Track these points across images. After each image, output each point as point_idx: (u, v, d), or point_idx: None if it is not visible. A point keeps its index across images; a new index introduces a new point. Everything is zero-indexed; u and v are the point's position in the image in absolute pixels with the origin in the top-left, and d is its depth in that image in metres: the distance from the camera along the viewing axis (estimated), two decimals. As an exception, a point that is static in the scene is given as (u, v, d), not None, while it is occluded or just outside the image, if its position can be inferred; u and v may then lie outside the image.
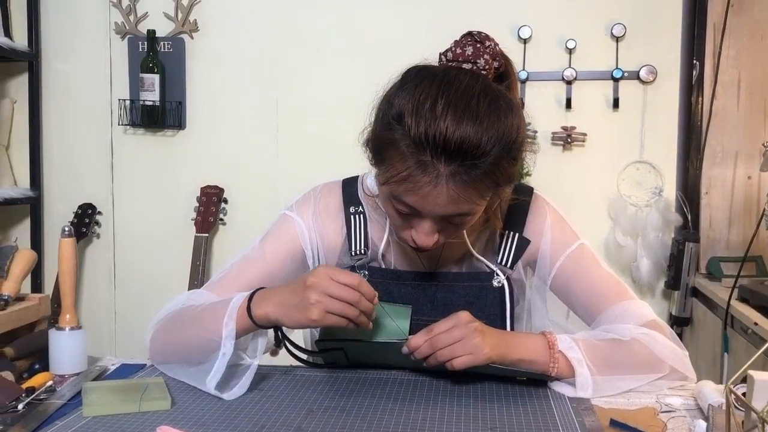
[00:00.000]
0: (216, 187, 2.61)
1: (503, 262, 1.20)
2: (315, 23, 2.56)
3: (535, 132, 2.37)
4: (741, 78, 2.33)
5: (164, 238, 2.67)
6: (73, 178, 2.71)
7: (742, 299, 1.89)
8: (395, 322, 1.08)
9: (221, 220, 2.61)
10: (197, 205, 2.59)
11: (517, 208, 1.21)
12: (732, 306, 1.88)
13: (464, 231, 1.15)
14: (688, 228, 2.34)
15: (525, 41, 2.42)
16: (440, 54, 1.08)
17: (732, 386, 0.76)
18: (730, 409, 0.67)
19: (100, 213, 2.69)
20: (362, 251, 1.20)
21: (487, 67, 1.05)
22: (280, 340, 1.05)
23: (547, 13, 2.42)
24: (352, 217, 1.21)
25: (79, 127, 2.70)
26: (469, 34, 1.07)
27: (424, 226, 1.03)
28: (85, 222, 2.64)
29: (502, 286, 1.19)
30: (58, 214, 2.70)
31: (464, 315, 1.02)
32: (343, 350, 1.10)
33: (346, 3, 2.55)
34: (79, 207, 2.66)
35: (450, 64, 1.05)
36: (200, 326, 1.04)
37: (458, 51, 1.05)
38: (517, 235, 1.21)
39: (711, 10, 2.33)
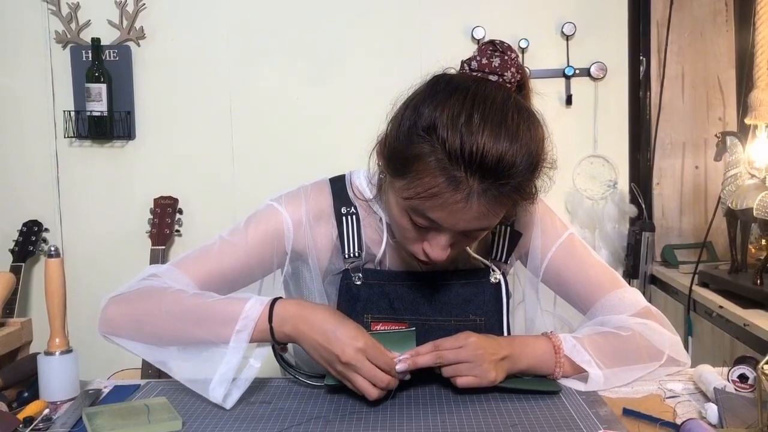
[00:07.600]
0: (170, 197, 2.54)
1: (497, 257, 1.20)
2: (267, 28, 2.52)
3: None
4: (684, 72, 2.42)
5: (118, 253, 2.57)
6: (15, 195, 2.58)
7: (702, 284, 1.96)
8: (401, 352, 1.03)
9: (177, 231, 2.54)
10: (151, 217, 2.51)
11: None
12: (693, 291, 1.95)
13: None
14: (643, 218, 2.42)
15: (479, 41, 2.45)
16: (462, 62, 1.04)
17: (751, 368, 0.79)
18: (761, 385, 0.70)
19: (46, 230, 2.58)
20: (356, 254, 1.16)
21: (512, 80, 1.01)
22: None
23: (500, 13, 2.46)
24: (344, 218, 1.17)
25: (19, 141, 2.58)
26: (492, 43, 1.02)
27: (441, 240, 1.00)
28: (31, 240, 2.52)
29: (499, 281, 1.19)
30: (0, 232, 2.57)
31: (472, 338, 1.01)
32: None
33: (299, 7, 2.52)
34: (24, 225, 2.54)
35: (474, 74, 1.01)
36: (196, 324, 1.01)
37: (484, 61, 1.01)
38: (508, 229, 1.20)
39: (654, 7, 2.42)
